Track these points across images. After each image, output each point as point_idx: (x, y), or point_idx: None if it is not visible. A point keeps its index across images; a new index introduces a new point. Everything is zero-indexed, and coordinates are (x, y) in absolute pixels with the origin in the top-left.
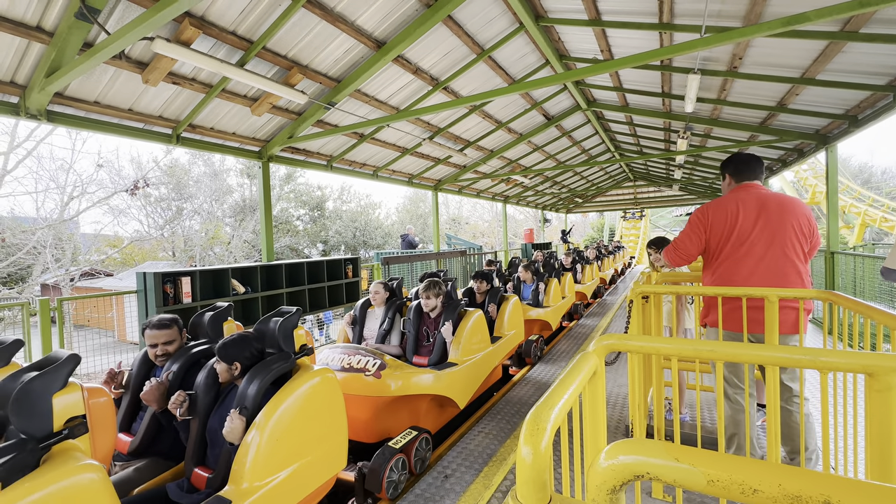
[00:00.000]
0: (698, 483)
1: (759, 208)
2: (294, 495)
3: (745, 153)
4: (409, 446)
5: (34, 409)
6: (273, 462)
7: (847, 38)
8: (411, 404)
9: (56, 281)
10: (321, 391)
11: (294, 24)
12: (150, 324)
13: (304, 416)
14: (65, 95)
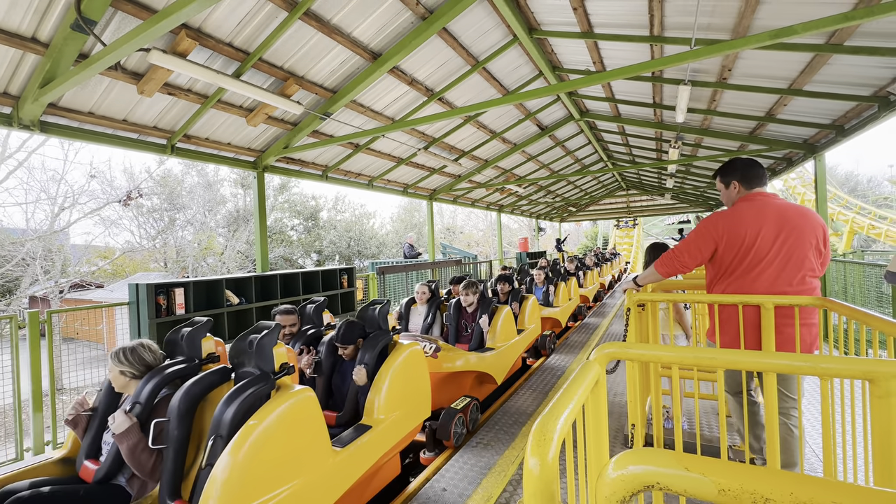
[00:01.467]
0: (709, 493)
1: (780, 223)
2: (404, 427)
3: (746, 158)
4: (465, 408)
5: (266, 356)
6: (391, 404)
7: (832, 51)
8: (459, 380)
9: (45, 293)
10: (414, 360)
11: (290, 35)
12: (280, 311)
13: (405, 376)
14: (58, 106)
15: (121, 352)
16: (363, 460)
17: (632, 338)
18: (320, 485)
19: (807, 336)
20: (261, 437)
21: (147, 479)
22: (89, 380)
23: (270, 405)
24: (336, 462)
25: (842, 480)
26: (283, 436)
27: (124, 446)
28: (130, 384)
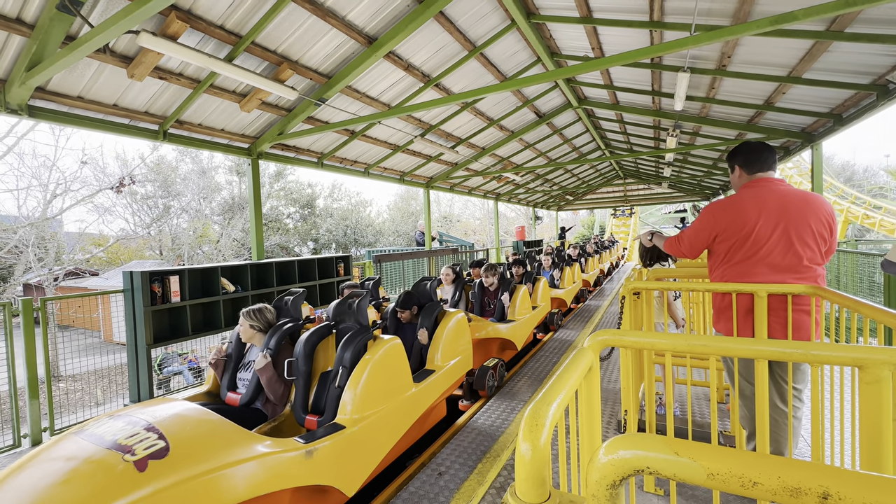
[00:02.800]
0: (698, 477)
1: (780, 210)
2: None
3: (753, 142)
4: (495, 367)
5: (364, 314)
6: (446, 356)
7: (833, 38)
8: (487, 345)
9: (39, 281)
10: (461, 325)
11: (284, 18)
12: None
13: (454, 336)
14: (47, 90)
15: (250, 311)
16: (431, 393)
17: (626, 325)
18: (406, 407)
19: (802, 323)
20: (371, 368)
21: (277, 404)
22: (86, 367)
23: (374, 348)
24: (415, 392)
25: (829, 465)
26: (384, 369)
27: (264, 378)
28: (256, 336)
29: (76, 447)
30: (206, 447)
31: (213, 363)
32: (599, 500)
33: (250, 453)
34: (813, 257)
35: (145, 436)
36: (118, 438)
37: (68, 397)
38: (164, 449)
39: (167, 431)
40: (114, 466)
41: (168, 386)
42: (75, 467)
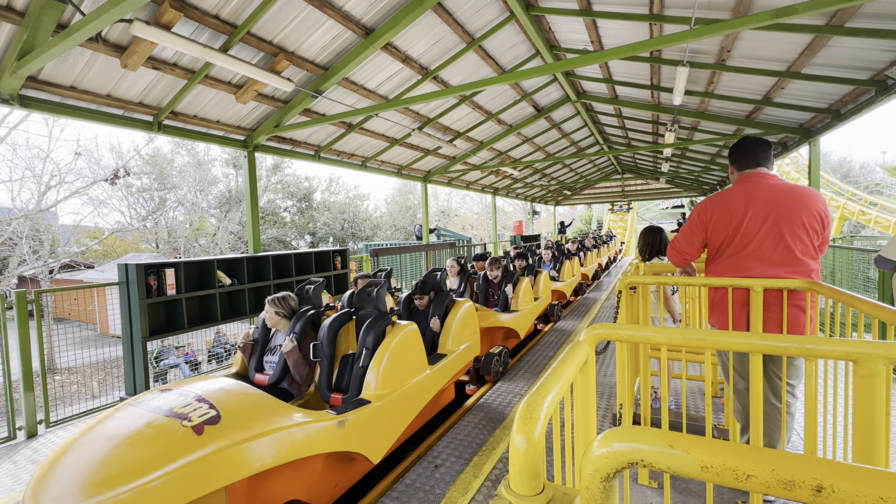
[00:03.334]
0: (692, 469)
1: (769, 203)
2: (465, 358)
3: (751, 137)
4: (500, 353)
5: (382, 301)
6: (456, 341)
7: (832, 32)
8: (492, 334)
9: (34, 273)
10: (470, 313)
11: (279, 8)
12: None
13: (464, 323)
14: (39, 79)
15: (275, 299)
16: (444, 375)
17: (622, 319)
18: (422, 386)
19: (797, 318)
20: (392, 351)
21: (303, 384)
22: (82, 360)
23: (393, 332)
24: (430, 374)
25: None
26: (402, 351)
27: (291, 360)
28: (281, 322)
29: (137, 415)
30: (251, 416)
31: (241, 347)
32: (593, 492)
33: (290, 422)
34: (805, 250)
35: (197, 406)
36: (174, 407)
37: (63, 390)
38: (216, 416)
39: (216, 402)
40: (174, 430)
41: (165, 379)
42: (140, 431)
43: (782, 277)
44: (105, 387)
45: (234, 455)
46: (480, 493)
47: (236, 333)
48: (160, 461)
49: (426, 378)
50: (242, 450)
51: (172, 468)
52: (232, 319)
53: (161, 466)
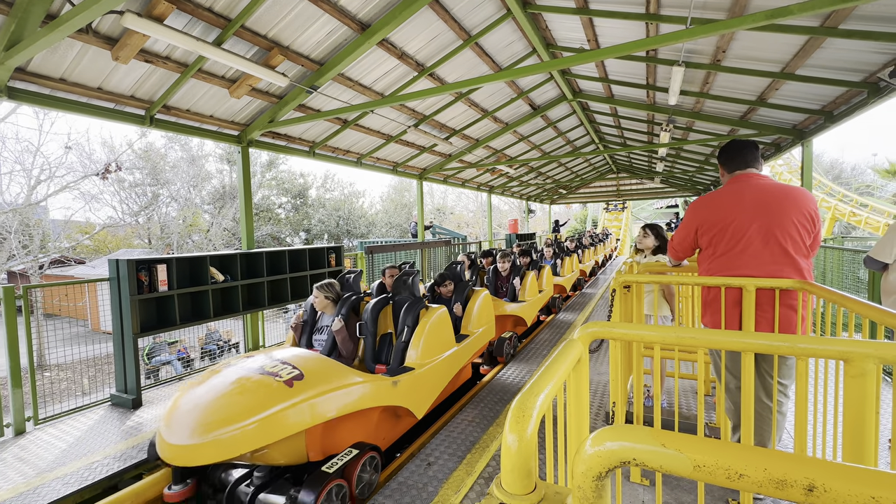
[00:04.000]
0: (685, 468)
1: (757, 201)
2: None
3: (739, 140)
4: (510, 338)
5: (416, 288)
6: (476, 324)
7: (826, 34)
8: (503, 321)
9: (24, 268)
10: (486, 301)
11: (274, 1)
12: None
13: (482, 310)
14: (27, 71)
15: (324, 285)
16: (467, 352)
17: (616, 318)
18: (451, 359)
19: (789, 317)
20: (428, 328)
21: (349, 358)
22: (72, 356)
23: (428, 314)
24: (457, 350)
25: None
26: (436, 329)
27: (339, 337)
28: (328, 305)
29: (235, 372)
30: (327, 375)
31: (293, 327)
32: (585, 491)
33: (357, 380)
34: (797, 248)
35: (283, 367)
36: (264, 367)
37: (53, 387)
38: (300, 375)
39: (298, 364)
40: (270, 384)
41: (157, 375)
42: (242, 384)
43: (774, 276)
44: (96, 383)
45: (316, 404)
46: (473, 491)
47: (230, 330)
48: (261, 407)
49: (454, 353)
50: (322, 400)
51: (271, 412)
52: (225, 316)
53: (262, 411)
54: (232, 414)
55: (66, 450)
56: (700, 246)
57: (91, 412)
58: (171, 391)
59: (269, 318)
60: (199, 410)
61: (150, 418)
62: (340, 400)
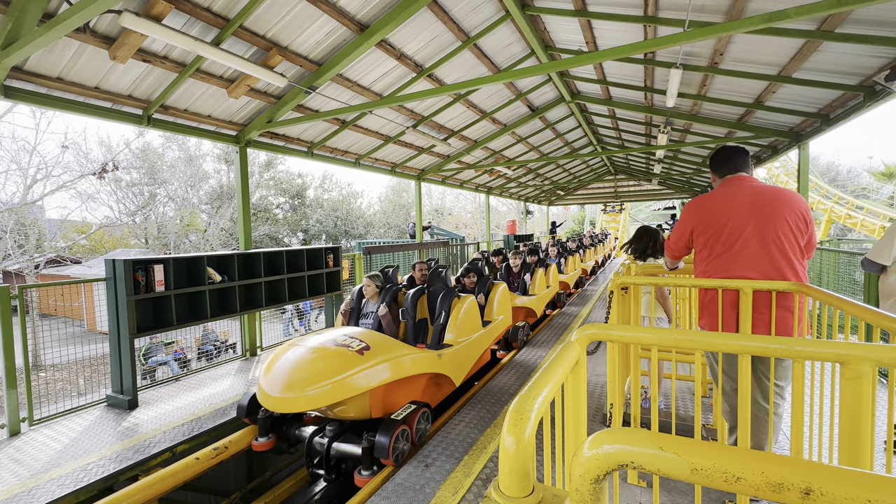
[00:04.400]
0: (682, 472)
1: (751, 202)
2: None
3: (729, 146)
4: (523, 327)
5: (449, 279)
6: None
7: (823, 38)
8: (515, 312)
9: (20, 268)
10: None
11: (273, 2)
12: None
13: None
14: (24, 70)
15: (374, 275)
16: (491, 335)
17: (613, 319)
18: (480, 340)
19: (785, 319)
20: (462, 313)
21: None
22: (68, 356)
23: (461, 301)
24: (484, 332)
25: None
26: (467, 314)
27: (385, 321)
28: (375, 294)
29: (315, 343)
30: (387, 347)
31: (343, 312)
32: (583, 494)
33: (410, 352)
34: (792, 249)
35: (351, 340)
36: (337, 340)
37: (48, 387)
38: (367, 346)
39: (364, 338)
40: (345, 352)
41: (153, 376)
42: (323, 352)
43: (771, 277)
44: (91, 384)
45: (381, 369)
46: (471, 493)
47: (226, 331)
48: (341, 370)
49: (481, 335)
50: (385, 366)
51: (348, 374)
52: (222, 317)
53: (342, 373)
54: (319, 374)
55: (61, 451)
56: (695, 247)
57: (87, 413)
58: (167, 392)
59: (266, 319)
60: (293, 371)
61: (147, 419)
62: (398, 366)
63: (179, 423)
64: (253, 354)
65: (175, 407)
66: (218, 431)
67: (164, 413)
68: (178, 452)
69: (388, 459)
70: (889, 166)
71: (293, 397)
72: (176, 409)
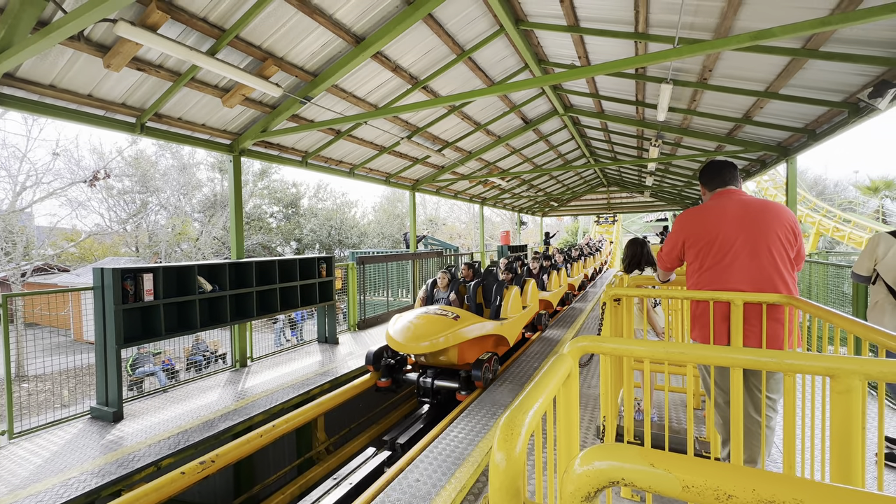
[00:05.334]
0: (673, 489)
1: (740, 215)
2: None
3: (718, 160)
4: (543, 314)
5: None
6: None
7: (808, 56)
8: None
9: (5, 276)
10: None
11: (269, 13)
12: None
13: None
14: (16, 77)
15: (447, 270)
16: (527, 315)
17: (606, 332)
18: (521, 319)
19: (776, 332)
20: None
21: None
22: (53, 367)
23: (510, 290)
24: (523, 312)
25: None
26: (513, 298)
27: (454, 304)
28: (446, 285)
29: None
30: (469, 317)
31: (421, 299)
32: None
33: (483, 321)
34: (782, 261)
35: (446, 312)
36: (436, 312)
37: (31, 399)
38: (457, 316)
39: (453, 311)
40: (445, 318)
41: (140, 387)
42: (430, 318)
43: (762, 289)
44: (76, 395)
45: (468, 330)
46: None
47: (217, 341)
48: (444, 330)
49: (522, 314)
50: (470, 328)
51: (449, 332)
52: (212, 326)
53: (445, 331)
54: (433, 331)
55: (41, 465)
56: (687, 259)
57: (69, 426)
58: (154, 403)
59: (257, 329)
60: (416, 329)
61: (132, 432)
62: (478, 328)
63: (165, 435)
64: (243, 365)
65: (161, 419)
66: (205, 444)
67: (149, 426)
68: (164, 466)
69: (479, 382)
70: (874, 181)
71: (418, 345)
72: (162, 422)
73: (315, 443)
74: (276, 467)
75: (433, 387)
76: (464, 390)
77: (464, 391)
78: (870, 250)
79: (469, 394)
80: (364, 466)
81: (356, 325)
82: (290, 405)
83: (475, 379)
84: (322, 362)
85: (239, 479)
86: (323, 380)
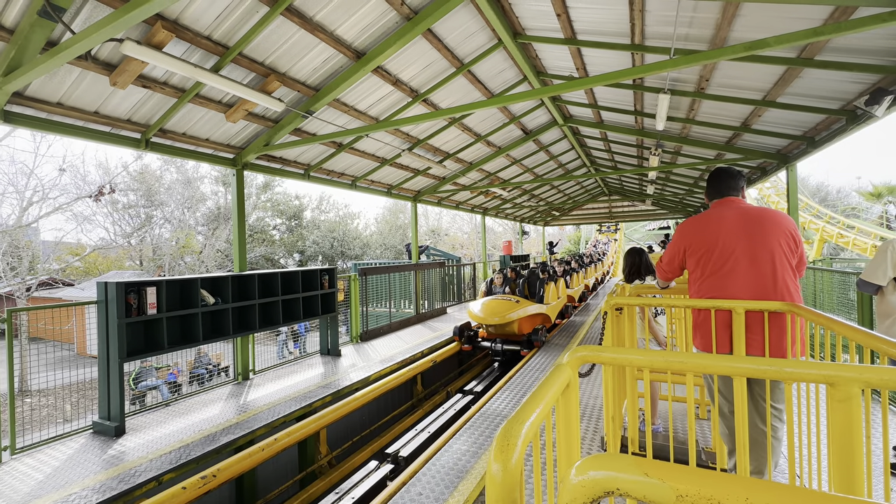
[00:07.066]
0: (668, 498)
1: (741, 223)
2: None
3: (719, 169)
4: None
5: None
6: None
7: (803, 64)
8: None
9: (10, 291)
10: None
11: (272, 31)
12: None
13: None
14: (25, 95)
15: (502, 271)
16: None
17: (608, 341)
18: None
19: (780, 340)
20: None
21: None
22: (56, 381)
23: (549, 284)
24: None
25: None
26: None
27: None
28: (500, 282)
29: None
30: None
31: (483, 292)
32: None
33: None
34: (783, 269)
35: (511, 297)
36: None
37: (32, 414)
38: (518, 300)
39: (515, 297)
40: (511, 301)
41: (143, 401)
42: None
43: (762, 296)
44: (79, 410)
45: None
46: None
47: (219, 354)
48: (511, 309)
49: (557, 302)
50: (527, 308)
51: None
52: (214, 339)
53: (514, 311)
54: (505, 310)
55: (42, 481)
56: (688, 267)
57: (71, 440)
58: (156, 417)
59: (259, 342)
60: (493, 308)
61: (134, 446)
62: (532, 309)
63: (167, 450)
64: (245, 378)
65: (163, 433)
66: (206, 459)
67: (151, 440)
68: (165, 481)
69: (538, 343)
70: (877, 187)
71: (493, 319)
72: (164, 436)
73: (317, 456)
74: (278, 481)
75: (502, 349)
76: (525, 349)
77: (525, 350)
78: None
79: (529, 351)
80: (367, 480)
81: (358, 337)
82: (291, 418)
83: (535, 340)
84: (324, 374)
85: (241, 494)
86: (325, 392)
